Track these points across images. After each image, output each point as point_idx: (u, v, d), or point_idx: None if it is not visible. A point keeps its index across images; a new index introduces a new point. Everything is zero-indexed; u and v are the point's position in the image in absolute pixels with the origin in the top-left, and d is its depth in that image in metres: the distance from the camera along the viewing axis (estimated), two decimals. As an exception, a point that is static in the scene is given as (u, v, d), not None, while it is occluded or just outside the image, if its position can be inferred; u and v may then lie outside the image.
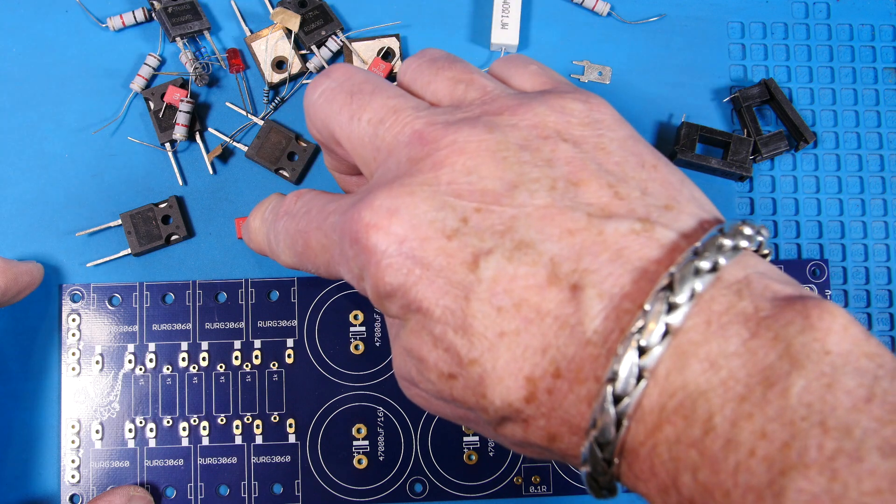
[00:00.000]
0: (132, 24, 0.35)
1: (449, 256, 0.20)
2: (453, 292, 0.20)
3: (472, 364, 0.20)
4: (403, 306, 0.21)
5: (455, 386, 0.20)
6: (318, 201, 0.25)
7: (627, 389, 0.18)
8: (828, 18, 0.37)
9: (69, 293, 0.34)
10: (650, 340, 0.17)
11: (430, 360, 0.21)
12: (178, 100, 0.34)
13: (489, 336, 0.19)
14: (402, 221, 0.20)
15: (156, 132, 0.34)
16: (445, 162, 0.21)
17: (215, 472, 0.33)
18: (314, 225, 0.24)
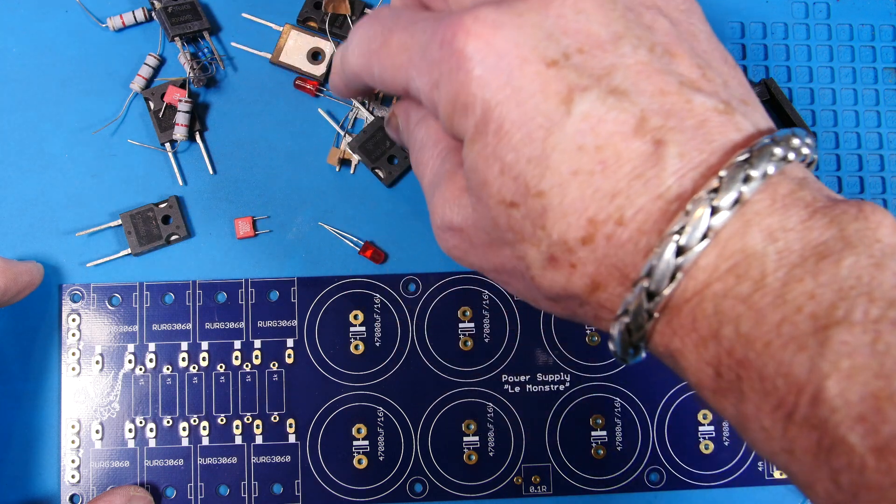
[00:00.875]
0: (132, 24, 0.35)
1: (544, 83, 0.20)
2: (538, 120, 0.20)
3: (538, 196, 0.20)
4: (480, 123, 0.20)
5: (513, 214, 0.21)
6: (408, 11, 0.24)
7: (690, 244, 0.18)
8: (828, 18, 0.37)
9: (69, 293, 0.34)
10: (721, 204, 0.18)
11: (493, 186, 0.21)
12: (178, 100, 0.34)
13: (563, 171, 0.19)
14: (506, 37, 0.20)
15: (156, 132, 0.34)
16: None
17: (215, 472, 0.33)
18: (402, 25, 0.23)
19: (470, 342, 0.34)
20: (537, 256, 0.21)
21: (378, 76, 0.24)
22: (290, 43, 0.35)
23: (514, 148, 0.20)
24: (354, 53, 0.25)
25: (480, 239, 0.23)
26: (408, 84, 0.23)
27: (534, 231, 0.20)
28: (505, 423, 0.34)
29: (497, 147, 0.20)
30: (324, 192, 0.35)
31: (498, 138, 0.20)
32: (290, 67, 0.35)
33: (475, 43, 0.20)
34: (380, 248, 0.34)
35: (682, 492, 0.34)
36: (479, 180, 0.21)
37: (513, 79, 0.20)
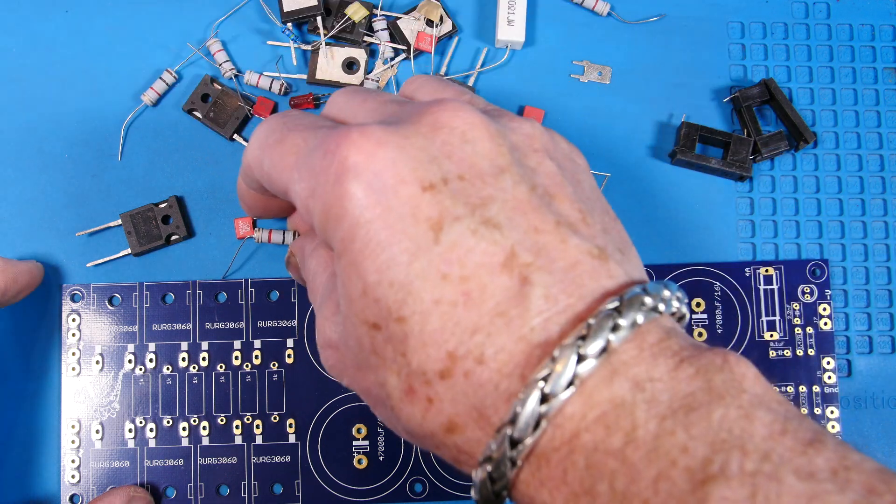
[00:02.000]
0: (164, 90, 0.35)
1: (416, 207, 0.19)
2: (405, 244, 0.19)
3: (399, 321, 0.19)
4: (346, 238, 0.20)
5: (376, 337, 0.20)
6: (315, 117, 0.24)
7: (556, 392, 0.18)
8: (828, 18, 0.37)
9: (69, 293, 0.34)
10: (588, 351, 0.18)
11: (356, 304, 0.20)
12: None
13: (425, 299, 0.19)
14: (386, 155, 0.20)
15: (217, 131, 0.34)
16: (447, 122, 0.21)
17: (215, 472, 0.33)
18: (301, 128, 0.23)
19: (470, 342, 0.34)
20: (396, 385, 0.20)
21: (266, 171, 0.24)
22: (322, 60, 0.35)
23: (378, 269, 0.19)
24: (252, 145, 0.25)
25: (351, 360, 0.22)
26: (288, 187, 0.23)
27: (395, 357, 0.20)
28: (505, 423, 0.34)
29: (361, 265, 0.20)
30: (324, 192, 0.35)
31: (363, 257, 0.20)
32: (328, 83, 0.35)
33: (356, 157, 0.20)
34: None
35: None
36: (345, 296, 0.21)
37: (386, 198, 0.20)
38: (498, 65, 0.36)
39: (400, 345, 0.20)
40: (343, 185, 0.20)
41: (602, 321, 0.18)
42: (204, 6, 0.35)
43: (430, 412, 0.20)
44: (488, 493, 0.19)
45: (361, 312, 0.20)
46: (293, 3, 0.34)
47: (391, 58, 0.35)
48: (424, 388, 0.19)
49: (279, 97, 0.35)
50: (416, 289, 0.19)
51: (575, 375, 0.18)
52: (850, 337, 0.35)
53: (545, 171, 0.21)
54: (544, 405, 0.18)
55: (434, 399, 0.19)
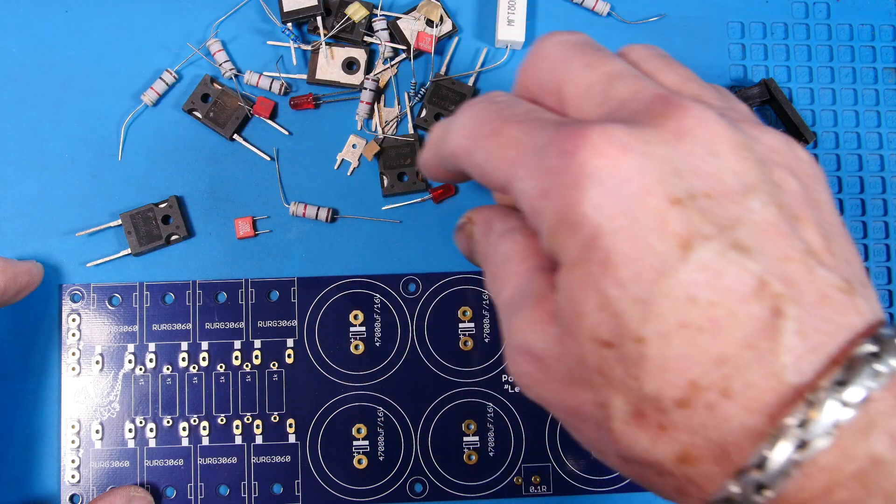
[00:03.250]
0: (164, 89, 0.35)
1: (664, 222, 0.18)
2: (651, 260, 0.18)
3: (637, 341, 0.18)
4: (586, 248, 0.18)
5: (605, 356, 0.19)
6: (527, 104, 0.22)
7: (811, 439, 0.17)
8: (828, 18, 0.37)
9: (69, 293, 0.34)
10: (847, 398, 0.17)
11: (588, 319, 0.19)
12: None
13: (669, 321, 0.18)
14: (632, 163, 0.18)
15: (217, 131, 0.34)
16: (690, 131, 0.19)
17: (215, 472, 0.33)
18: (518, 118, 0.21)
19: (470, 342, 0.34)
20: (622, 408, 0.19)
21: (478, 164, 0.22)
22: (322, 60, 0.35)
23: (620, 283, 0.18)
24: (459, 133, 0.23)
25: (559, 374, 0.20)
26: (509, 182, 0.21)
27: (625, 379, 0.18)
28: (505, 423, 0.34)
29: (600, 278, 0.18)
30: (324, 193, 0.35)
31: (603, 269, 0.18)
32: (328, 83, 0.35)
33: (599, 161, 0.18)
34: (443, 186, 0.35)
35: (682, 492, 0.34)
36: (574, 311, 0.19)
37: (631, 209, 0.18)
38: (498, 65, 0.36)
39: (634, 367, 0.18)
40: (583, 189, 0.18)
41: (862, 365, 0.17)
42: (204, 6, 0.35)
43: (662, 440, 0.18)
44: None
45: (593, 328, 0.19)
46: (293, 3, 0.34)
47: (391, 58, 0.35)
48: (657, 414, 0.18)
49: (279, 97, 0.35)
50: (661, 309, 0.18)
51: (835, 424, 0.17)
52: (850, 337, 0.35)
53: (790, 189, 0.20)
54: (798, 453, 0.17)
55: (668, 427, 0.18)
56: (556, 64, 0.22)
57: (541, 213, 0.20)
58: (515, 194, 0.21)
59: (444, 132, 0.24)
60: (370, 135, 0.35)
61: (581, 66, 0.22)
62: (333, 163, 0.35)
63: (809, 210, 0.19)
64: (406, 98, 0.35)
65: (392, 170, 0.35)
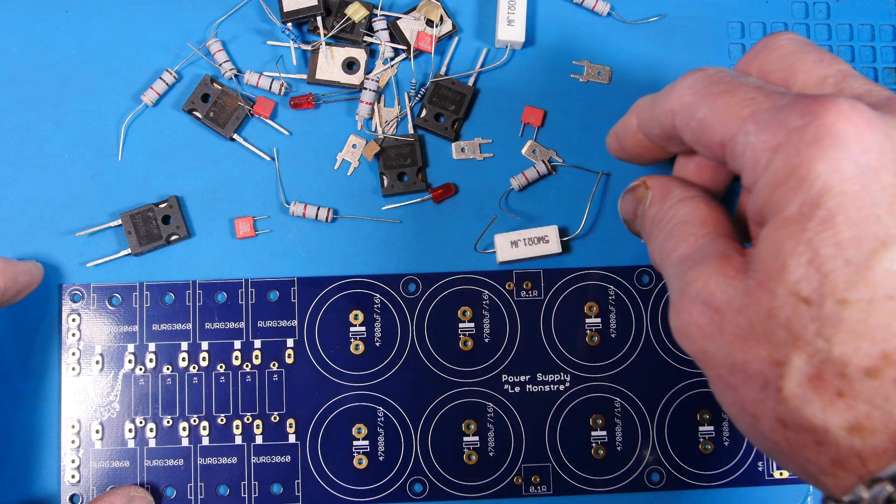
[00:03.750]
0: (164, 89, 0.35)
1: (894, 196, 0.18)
2: (874, 228, 0.18)
3: (841, 303, 0.18)
4: (809, 204, 0.19)
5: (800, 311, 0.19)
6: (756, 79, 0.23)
7: None
8: (828, 18, 0.37)
9: (69, 293, 0.34)
10: None
11: (792, 273, 0.19)
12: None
13: (879, 290, 0.18)
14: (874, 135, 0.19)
15: (218, 131, 0.34)
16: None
17: (215, 472, 0.33)
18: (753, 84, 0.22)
19: (470, 342, 0.34)
20: (801, 367, 0.19)
21: (700, 118, 0.23)
22: (322, 60, 0.35)
23: (838, 244, 0.18)
24: (685, 91, 0.23)
25: (737, 327, 0.20)
26: (734, 137, 0.21)
27: (814, 338, 0.18)
28: (505, 423, 0.34)
29: (817, 236, 0.19)
30: (324, 193, 0.35)
31: (823, 227, 0.19)
32: (328, 83, 0.35)
33: (844, 126, 0.19)
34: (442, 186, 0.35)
35: (682, 492, 0.34)
36: (778, 263, 0.19)
37: (866, 178, 0.19)
38: (498, 65, 0.36)
39: (829, 327, 0.18)
40: (824, 147, 0.19)
41: None
42: (204, 6, 0.35)
43: (836, 406, 0.18)
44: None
45: (796, 282, 0.19)
46: (293, 3, 0.34)
47: (391, 58, 0.35)
48: (838, 380, 0.18)
49: (279, 97, 0.35)
50: (874, 276, 0.18)
51: None
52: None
53: None
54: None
55: (846, 394, 0.18)
56: (789, 54, 0.23)
57: (766, 167, 0.20)
58: (738, 149, 0.21)
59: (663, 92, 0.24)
60: (370, 135, 0.35)
61: (814, 60, 0.23)
62: (333, 163, 0.35)
63: None
64: (406, 98, 0.35)
65: (392, 170, 0.35)
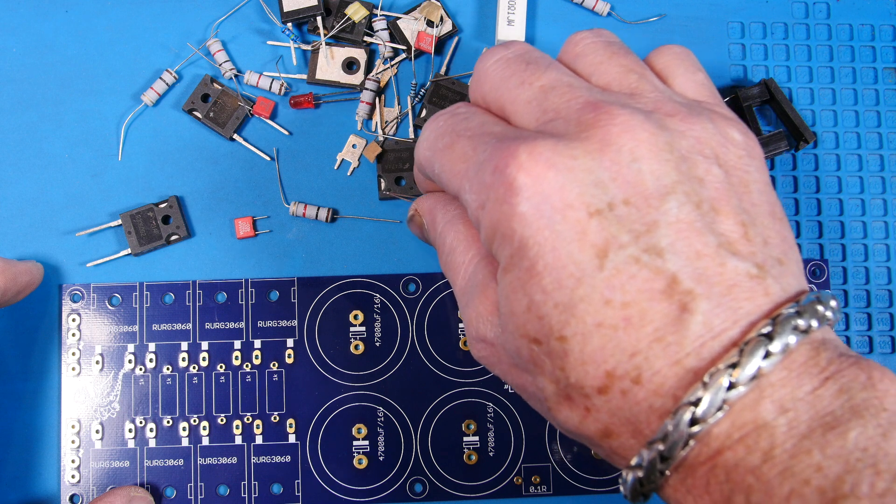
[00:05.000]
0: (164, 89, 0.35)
1: (582, 233, 0.20)
2: (570, 268, 0.20)
3: (560, 340, 0.20)
4: (514, 256, 0.21)
5: (534, 350, 0.21)
6: (482, 116, 0.24)
7: (706, 416, 0.19)
8: (828, 18, 0.37)
9: (69, 293, 0.34)
10: (739, 378, 0.19)
11: (518, 318, 0.21)
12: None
13: (587, 322, 0.20)
14: (555, 179, 0.20)
15: (218, 131, 0.34)
16: (614, 140, 0.21)
17: (215, 472, 0.33)
18: (468, 133, 0.24)
19: (470, 342, 0.34)
20: (554, 392, 0.21)
21: (437, 175, 0.25)
22: (322, 60, 0.35)
23: (544, 290, 0.20)
24: (423, 145, 0.26)
25: (508, 358, 0.23)
26: (459, 193, 0.23)
27: (553, 370, 0.21)
28: (505, 423, 0.34)
29: (527, 284, 0.21)
30: (324, 193, 0.35)
31: (529, 276, 0.21)
32: (328, 83, 0.35)
33: (524, 178, 0.20)
34: None
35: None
36: (508, 309, 0.22)
37: (553, 222, 0.20)
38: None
39: (559, 360, 0.20)
40: (512, 205, 0.21)
41: (754, 348, 0.19)
42: (204, 6, 0.35)
43: (587, 419, 0.21)
44: (637, 493, 0.21)
45: (523, 327, 0.21)
46: (293, 3, 0.34)
47: (391, 58, 0.35)
48: (582, 399, 0.21)
49: (279, 97, 0.35)
50: (579, 312, 0.20)
51: (724, 400, 0.19)
52: (850, 337, 0.35)
53: (712, 181, 0.21)
54: (695, 426, 0.19)
55: (591, 409, 0.21)
56: (495, 84, 0.24)
57: (479, 223, 0.22)
58: (464, 204, 0.23)
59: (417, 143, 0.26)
60: (370, 135, 0.35)
61: (516, 85, 0.24)
62: (333, 163, 0.35)
63: (732, 199, 0.21)
64: (408, 99, 0.35)
65: (390, 173, 0.34)
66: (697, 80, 0.25)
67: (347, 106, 0.35)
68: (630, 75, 0.24)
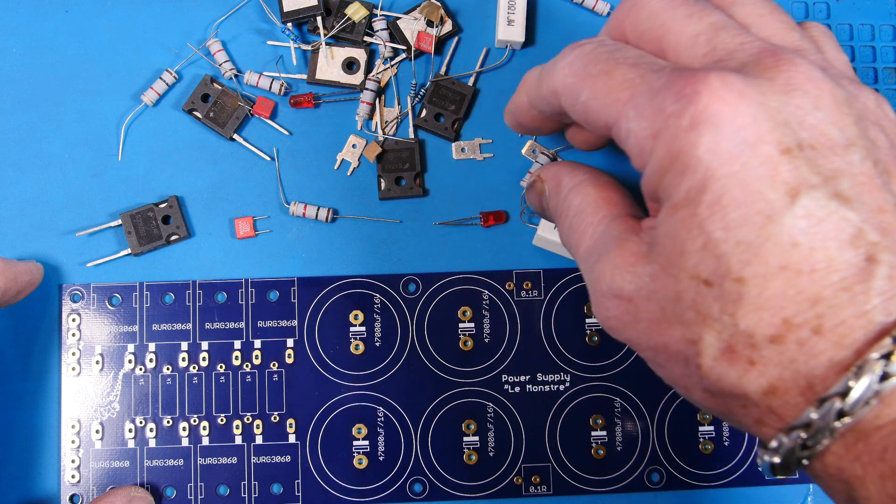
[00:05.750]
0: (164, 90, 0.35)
1: (774, 169, 0.19)
2: (759, 205, 0.19)
3: (738, 281, 0.19)
4: (696, 190, 0.20)
5: (703, 293, 0.20)
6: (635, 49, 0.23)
7: (892, 371, 0.18)
8: (828, 18, 0.37)
9: (69, 293, 0.34)
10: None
11: (690, 258, 0.20)
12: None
13: (771, 263, 0.19)
14: (748, 109, 0.19)
15: (218, 132, 0.34)
16: (799, 86, 0.20)
17: (215, 472, 0.33)
18: (630, 61, 0.22)
19: (470, 342, 0.34)
20: (714, 343, 0.20)
21: (584, 102, 0.23)
22: (322, 60, 0.35)
23: (727, 226, 0.19)
24: (566, 71, 0.23)
25: (650, 313, 0.21)
26: (617, 122, 0.22)
27: (720, 316, 0.19)
28: (505, 423, 0.34)
29: (707, 220, 0.19)
30: (324, 193, 0.35)
31: (711, 211, 0.19)
32: (328, 83, 0.35)
33: (717, 106, 0.19)
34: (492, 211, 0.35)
35: (682, 492, 0.34)
36: (676, 249, 0.20)
37: (744, 155, 0.19)
38: (498, 65, 0.36)
39: (731, 305, 0.19)
40: (700, 133, 0.19)
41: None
42: (204, 6, 0.35)
43: (751, 373, 0.19)
44: (792, 459, 0.19)
45: (695, 266, 0.20)
46: (293, 3, 0.34)
47: (391, 58, 0.35)
48: (748, 350, 0.19)
49: (279, 97, 0.35)
50: (765, 252, 0.19)
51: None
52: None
53: (883, 146, 0.21)
54: (880, 384, 0.18)
55: (757, 362, 0.19)
56: (657, 13, 0.23)
57: (650, 154, 0.21)
58: (622, 134, 0.22)
59: (546, 71, 0.24)
60: (370, 135, 0.35)
61: (684, 16, 0.22)
62: (333, 163, 0.35)
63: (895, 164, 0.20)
64: (408, 99, 0.35)
65: (390, 173, 0.34)
66: (843, 59, 0.24)
67: (347, 106, 0.35)
68: (793, 33, 0.23)
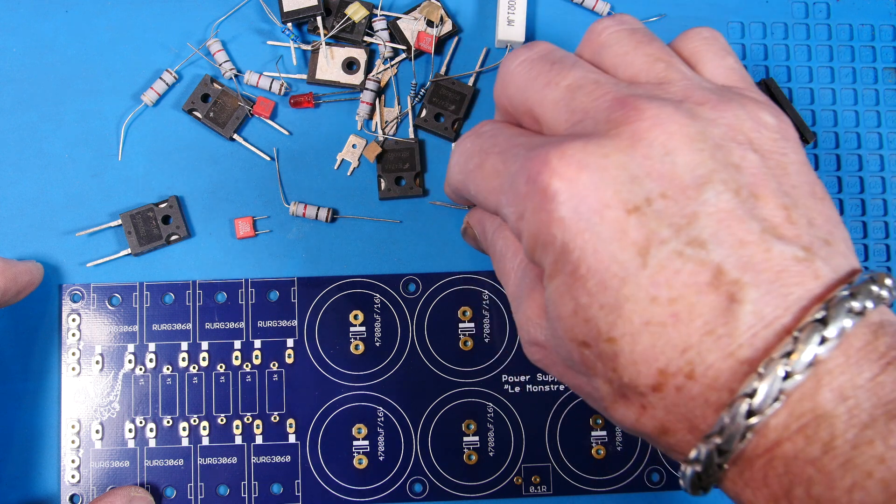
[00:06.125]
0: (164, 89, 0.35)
1: (623, 231, 0.20)
2: (613, 269, 0.20)
3: (609, 341, 0.20)
4: (558, 262, 0.21)
5: (585, 353, 0.21)
6: (507, 130, 0.24)
7: (762, 407, 0.18)
8: (828, 18, 0.37)
9: (69, 293, 0.34)
10: (795, 367, 0.18)
11: (566, 322, 0.21)
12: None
13: (635, 322, 0.20)
14: (589, 179, 0.20)
15: (218, 131, 0.34)
16: (645, 135, 0.20)
17: (215, 472, 0.33)
18: (497, 149, 0.24)
19: (470, 342, 0.34)
20: (608, 392, 0.21)
21: (473, 195, 0.25)
22: (322, 60, 0.35)
23: (589, 292, 0.20)
24: (455, 170, 0.26)
25: (560, 360, 0.23)
26: (497, 210, 0.23)
27: (605, 371, 0.21)
28: (505, 423, 0.34)
29: (572, 288, 0.20)
30: (324, 193, 0.35)
31: (573, 280, 0.20)
32: (328, 83, 0.35)
33: (558, 183, 0.20)
34: None
35: (682, 492, 0.34)
36: (555, 314, 0.21)
37: (592, 224, 0.20)
38: (498, 65, 0.36)
39: (610, 362, 0.20)
40: (549, 212, 0.20)
41: (809, 335, 0.18)
42: (204, 6, 0.35)
43: (644, 417, 0.21)
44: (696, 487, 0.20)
45: (571, 330, 0.21)
46: (293, 3, 0.34)
47: (391, 58, 0.35)
48: (637, 398, 0.20)
49: (279, 97, 0.35)
50: (626, 312, 0.20)
51: (780, 390, 0.18)
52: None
53: (749, 167, 0.21)
54: (752, 418, 0.18)
55: (647, 407, 0.20)
56: (521, 87, 0.24)
57: (520, 234, 0.22)
58: (504, 218, 0.23)
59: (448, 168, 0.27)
60: (370, 135, 0.35)
61: (543, 86, 0.23)
62: (333, 163, 0.35)
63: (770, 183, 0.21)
64: (408, 99, 0.35)
65: (390, 173, 0.34)
66: (727, 64, 0.24)
67: (347, 106, 0.35)
68: (657, 64, 0.23)
